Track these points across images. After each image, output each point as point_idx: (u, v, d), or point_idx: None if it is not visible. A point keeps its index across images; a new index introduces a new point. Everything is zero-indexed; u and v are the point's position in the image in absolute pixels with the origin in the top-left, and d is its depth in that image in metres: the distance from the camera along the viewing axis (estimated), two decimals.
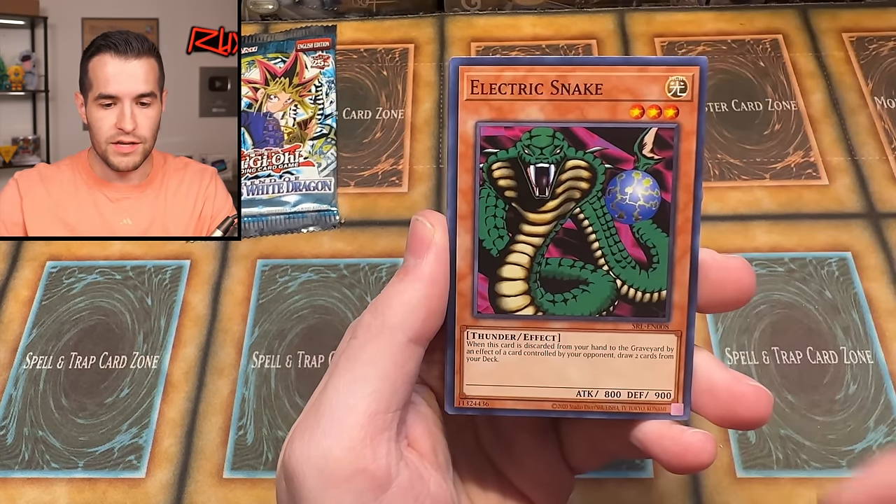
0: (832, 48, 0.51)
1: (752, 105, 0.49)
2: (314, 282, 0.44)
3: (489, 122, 0.25)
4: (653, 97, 0.25)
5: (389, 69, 0.52)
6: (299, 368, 0.41)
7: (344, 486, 0.23)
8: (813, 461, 0.37)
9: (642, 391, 0.26)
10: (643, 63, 0.25)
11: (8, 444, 0.39)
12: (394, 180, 0.47)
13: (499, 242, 0.26)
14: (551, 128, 0.25)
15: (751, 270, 0.26)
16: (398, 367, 0.24)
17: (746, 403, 0.25)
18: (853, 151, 0.47)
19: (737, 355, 0.40)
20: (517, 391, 0.26)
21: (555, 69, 0.25)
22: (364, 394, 0.24)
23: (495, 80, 0.25)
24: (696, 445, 0.25)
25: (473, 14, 0.55)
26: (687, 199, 0.25)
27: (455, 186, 0.25)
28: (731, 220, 0.45)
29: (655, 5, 0.54)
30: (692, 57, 0.25)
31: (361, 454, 0.23)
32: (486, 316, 0.26)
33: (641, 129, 0.25)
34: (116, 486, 0.38)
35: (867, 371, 0.39)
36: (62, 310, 0.43)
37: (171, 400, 0.40)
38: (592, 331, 0.26)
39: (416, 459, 0.25)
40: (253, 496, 0.37)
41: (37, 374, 0.41)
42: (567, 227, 0.26)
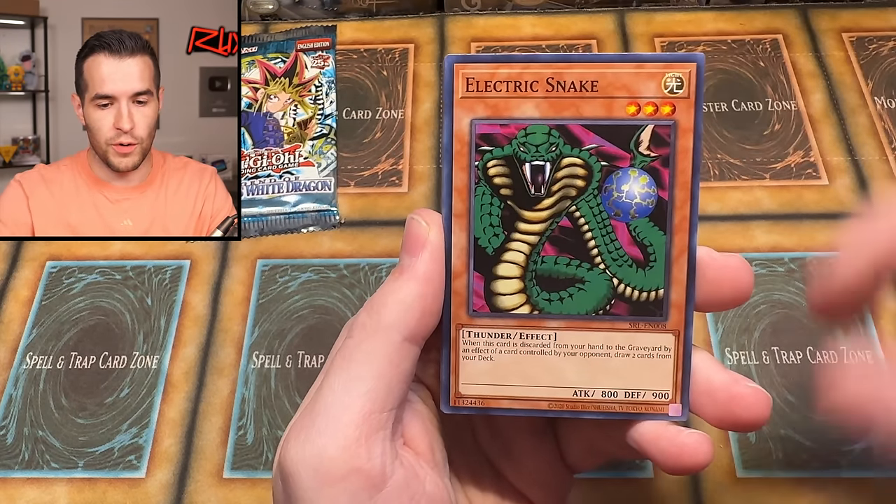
0: (832, 48, 0.51)
1: (752, 105, 0.49)
2: (314, 282, 0.44)
3: (484, 120, 0.25)
4: (649, 94, 0.25)
5: (389, 69, 0.52)
6: (299, 368, 0.41)
7: (339, 485, 0.23)
8: (813, 461, 0.37)
9: (639, 391, 0.26)
10: (639, 60, 0.24)
11: (8, 444, 0.39)
12: (394, 180, 0.47)
13: (494, 241, 0.26)
14: (547, 125, 0.25)
15: (749, 269, 0.26)
16: (394, 365, 0.24)
17: (745, 405, 0.25)
18: (853, 151, 0.47)
19: (737, 355, 0.40)
20: (513, 390, 0.26)
21: (550, 66, 0.25)
22: (359, 393, 0.24)
23: (490, 78, 0.25)
24: (692, 446, 0.25)
25: (473, 14, 0.55)
26: (684, 197, 0.25)
27: (450, 184, 0.25)
28: (731, 220, 0.45)
29: (655, 5, 0.54)
30: (689, 53, 0.25)
31: (356, 453, 0.23)
32: (482, 314, 0.26)
33: (637, 127, 0.25)
34: (116, 486, 0.38)
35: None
36: (62, 310, 0.43)
37: (171, 400, 0.40)
38: (589, 330, 0.26)
39: (412, 458, 0.25)
40: (253, 496, 0.37)
41: (37, 374, 0.41)
42: (563, 225, 0.26)
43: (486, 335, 0.26)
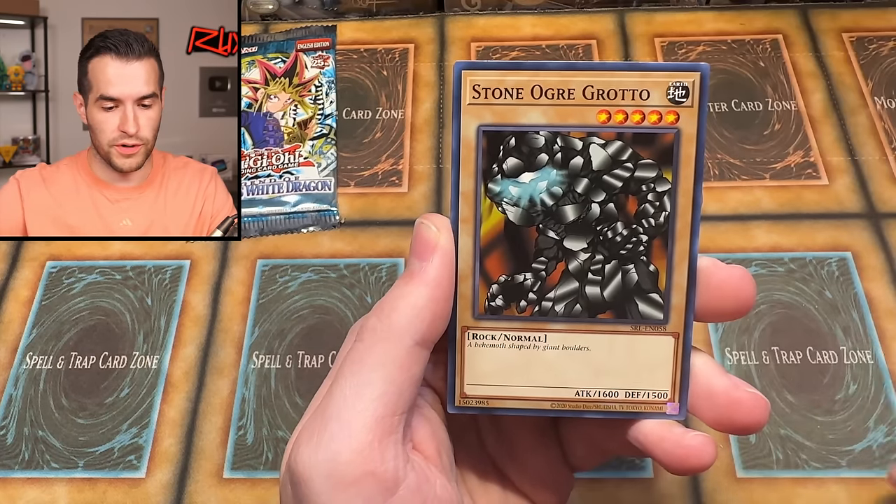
0: (832, 48, 0.51)
1: (752, 105, 0.49)
2: (314, 282, 0.44)
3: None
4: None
5: (389, 69, 0.52)
6: (299, 368, 0.41)
7: (352, 489, 0.23)
8: (813, 461, 0.37)
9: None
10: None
11: (8, 444, 0.39)
12: (394, 180, 0.47)
13: None
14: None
15: (752, 280, 0.26)
16: (404, 370, 0.24)
17: (744, 410, 0.25)
18: (853, 151, 0.47)
19: (737, 355, 0.40)
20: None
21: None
22: (371, 397, 0.24)
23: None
24: (697, 448, 0.25)
25: (473, 14, 0.55)
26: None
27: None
28: (731, 220, 0.45)
29: (655, 5, 0.54)
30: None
31: (370, 457, 0.23)
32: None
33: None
34: (116, 486, 0.38)
35: (867, 371, 0.39)
36: (62, 310, 0.43)
37: (171, 400, 0.40)
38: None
39: (422, 462, 0.25)
40: (253, 496, 0.37)
41: (37, 374, 0.41)
42: None
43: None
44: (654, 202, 0.25)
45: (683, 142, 0.25)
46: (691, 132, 0.25)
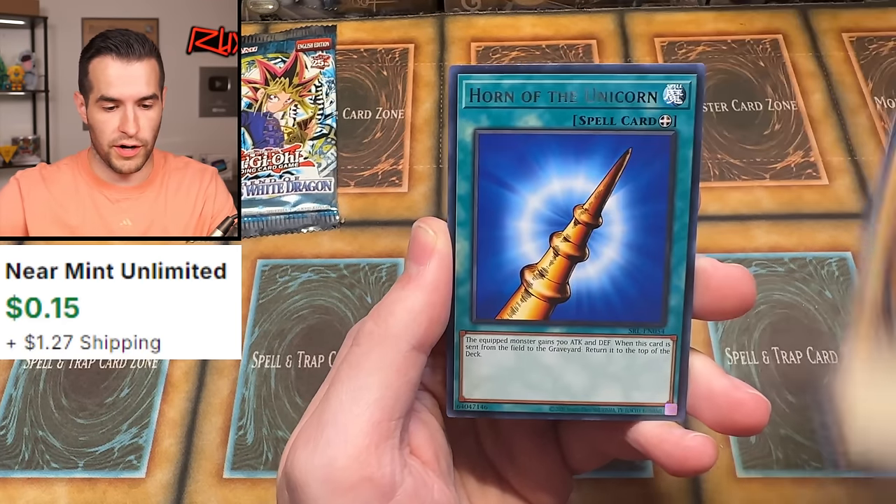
0: (832, 48, 0.51)
1: (752, 105, 0.49)
2: (314, 282, 0.44)
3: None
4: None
5: (389, 69, 0.52)
6: (299, 368, 0.41)
7: (349, 494, 0.23)
8: (813, 461, 0.37)
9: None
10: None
11: (8, 444, 0.39)
12: (394, 180, 0.47)
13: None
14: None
15: (752, 280, 0.26)
16: (401, 374, 0.24)
17: (745, 411, 0.25)
18: (853, 151, 0.47)
19: (737, 355, 0.40)
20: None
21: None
22: (368, 402, 0.24)
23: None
24: (697, 449, 0.25)
25: (473, 14, 0.55)
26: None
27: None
28: (731, 220, 0.45)
29: (655, 5, 0.54)
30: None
31: (366, 462, 0.23)
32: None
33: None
34: (116, 486, 0.38)
35: None
36: None
37: (171, 400, 0.40)
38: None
39: (420, 467, 0.25)
40: (253, 496, 0.37)
41: (37, 373, 0.41)
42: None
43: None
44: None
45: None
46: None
